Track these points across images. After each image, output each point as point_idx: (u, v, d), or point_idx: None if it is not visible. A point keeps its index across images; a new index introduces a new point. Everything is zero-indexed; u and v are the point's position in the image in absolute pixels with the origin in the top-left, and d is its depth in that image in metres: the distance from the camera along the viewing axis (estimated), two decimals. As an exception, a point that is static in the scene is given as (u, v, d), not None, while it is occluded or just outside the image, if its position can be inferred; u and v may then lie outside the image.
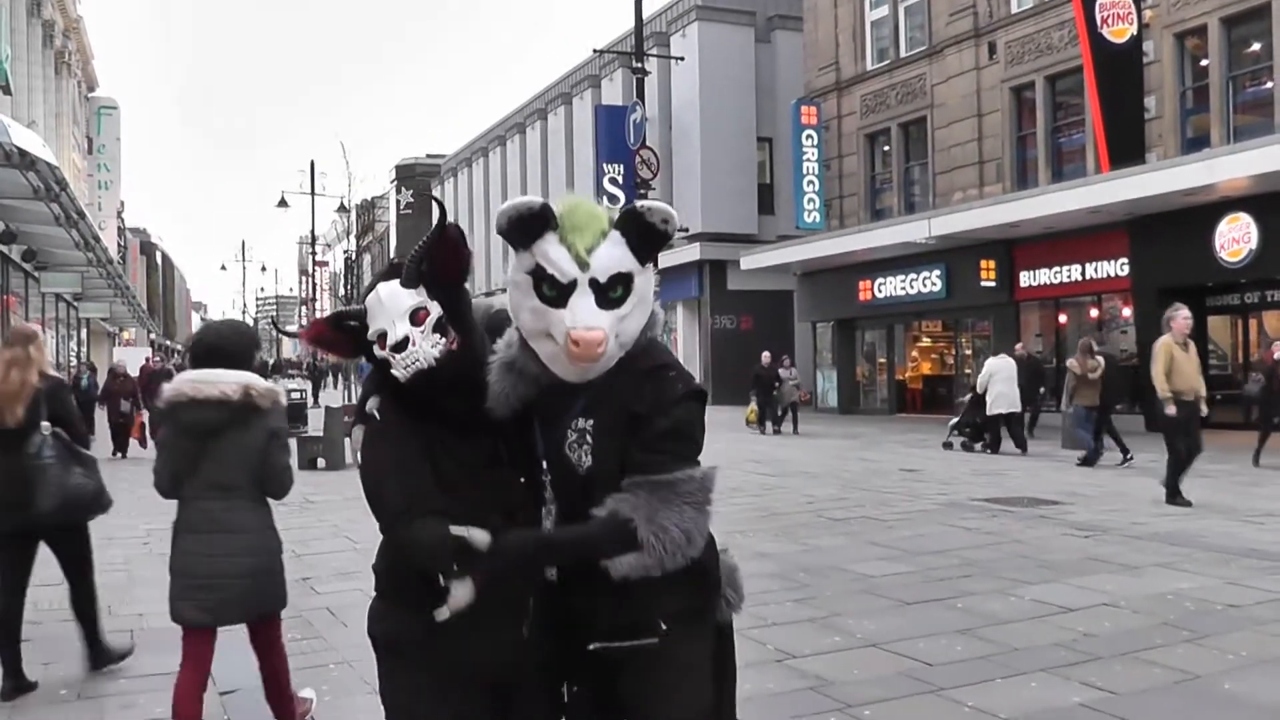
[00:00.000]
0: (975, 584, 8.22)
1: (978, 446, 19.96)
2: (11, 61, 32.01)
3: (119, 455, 21.12)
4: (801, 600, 7.86)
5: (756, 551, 9.82)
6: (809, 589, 8.24)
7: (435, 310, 2.77)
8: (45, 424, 5.96)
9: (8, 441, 5.88)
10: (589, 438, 2.72)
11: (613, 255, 2.69)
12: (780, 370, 26.11)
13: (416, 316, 2.76)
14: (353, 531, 10.88)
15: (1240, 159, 19.28)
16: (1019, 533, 10.53)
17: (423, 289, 2.79)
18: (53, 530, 6.13)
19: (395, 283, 2.80)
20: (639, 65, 18.36)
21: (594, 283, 2.67)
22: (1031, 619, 7.12)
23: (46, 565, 6.39)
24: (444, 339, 2.76)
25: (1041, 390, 22.54)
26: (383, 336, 2.77)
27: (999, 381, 19.42)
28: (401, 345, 2.73)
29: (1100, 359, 17.88)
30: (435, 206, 2.95)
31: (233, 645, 7.05)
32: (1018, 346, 22.92)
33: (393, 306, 2.78)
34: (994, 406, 19.43)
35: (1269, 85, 21.64)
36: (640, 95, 19.45)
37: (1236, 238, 20.76)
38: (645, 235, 2.70)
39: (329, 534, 11.18)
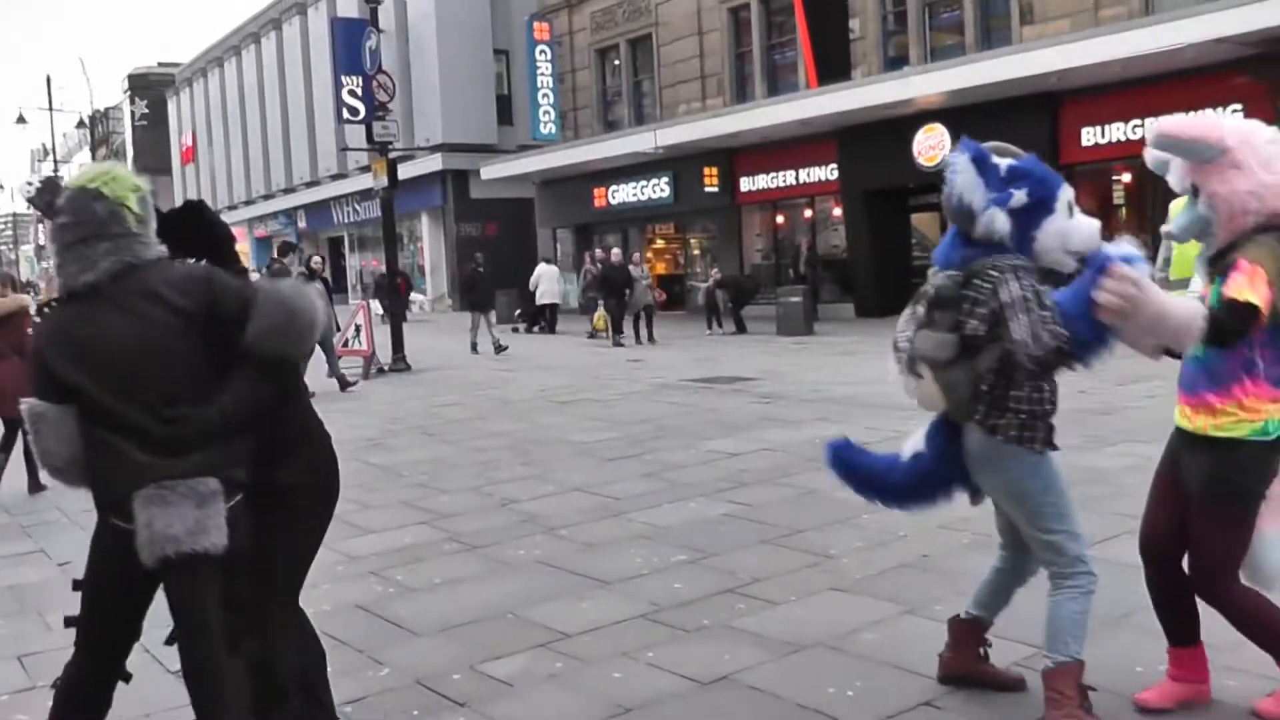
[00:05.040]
0: (665, 443, 10.06)
1: (535, 329, 26.53)
2: None
3: None
4: (526, 463, 9.51)
5: (494, 431, 11.44)
6: (532, 454, 9.90)
7: None
8: None
9: None
10: None
11: None
12: (631, 269, 23.34)
13: None
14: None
15: (933, 77, 21.61)
16: (712, 403, 12.51)
17: None
18: None
19: None
20: (371, -3, 19.20)
21: None
22: (703, 464, 8.98)
23: None
24: None
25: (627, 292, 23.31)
26: None
27: (545, 280, 26.28)
28: None
29: (601, 265, 24.12)
30: None
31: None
32: (615, 252, 25.18)
33: None
34: (541, 299, 26.41)
35: (959, 12, 24.10)
36: (373, 22, 20.22)
37: (932, 145, 23.10)
38: None
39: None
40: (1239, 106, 18.61)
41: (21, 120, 48.70)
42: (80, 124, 53.02)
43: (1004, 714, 4.03)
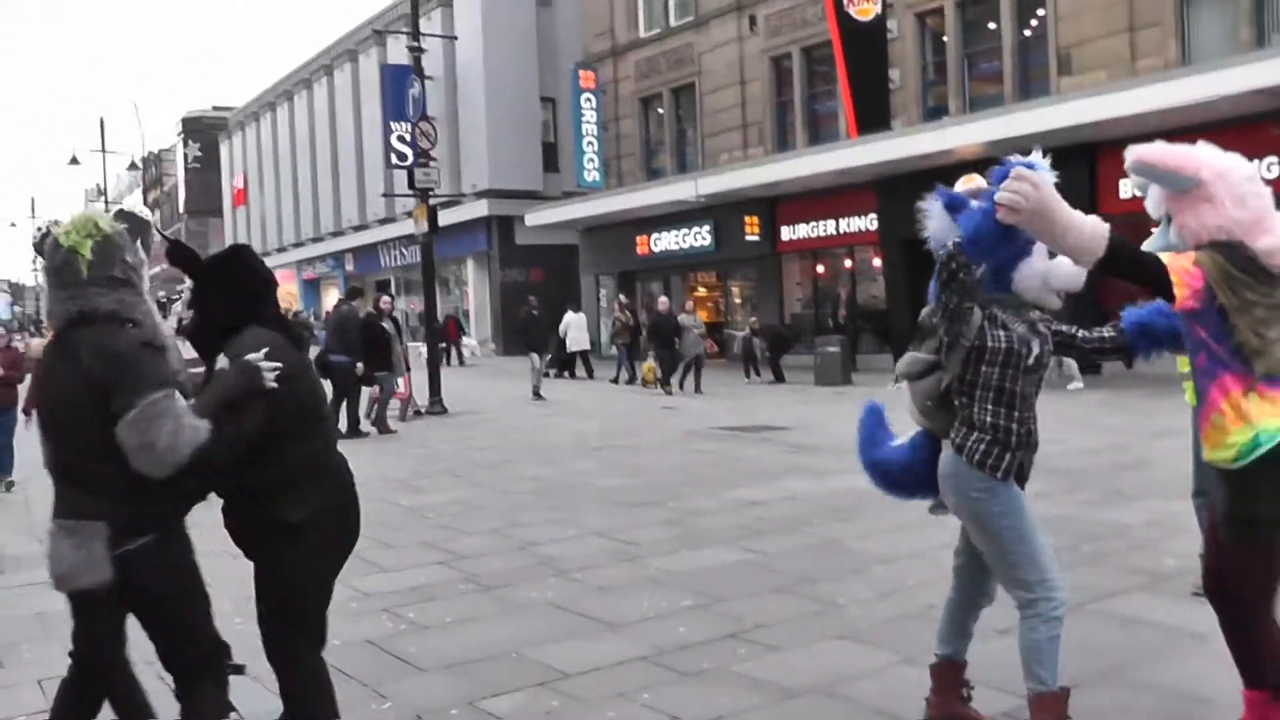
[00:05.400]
0: (689, 490, 10.12)
1: (566, 374, 27.11)
2: None
3: None
4: (551, 507, 9.61)
5: (524, 475, 11.55)
6: (558, 499, 9.99)
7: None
8: None
9: None
10: None
11: None
12: (682, 317, 23.23)
13: None
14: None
15: (970, 128, 21.64)
16: (739, 451, 12.57)
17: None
18: None
19: None
20: (415, 44, 19.50)
21: None
22: (725, 511, 9.03)
23: None
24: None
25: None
26: None
27: (573, 328, 26.65)
28: None
29: (629, 313, 26.50)
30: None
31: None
32: (662, 300, 25.40)
33: None
34: (572, 346, 26.73)
35: (998, 63, 24.21)
36: (417, 71, 20.56)
37: (972, 194, 23.19)
38: None
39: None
40: (1275, 158, 18.60)
41: (75, 161, 49.91)
42: (132, 166, 54.18)
43: (989, 763, 4.06)
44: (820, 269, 28.76)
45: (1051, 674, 3.82)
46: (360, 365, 15.30)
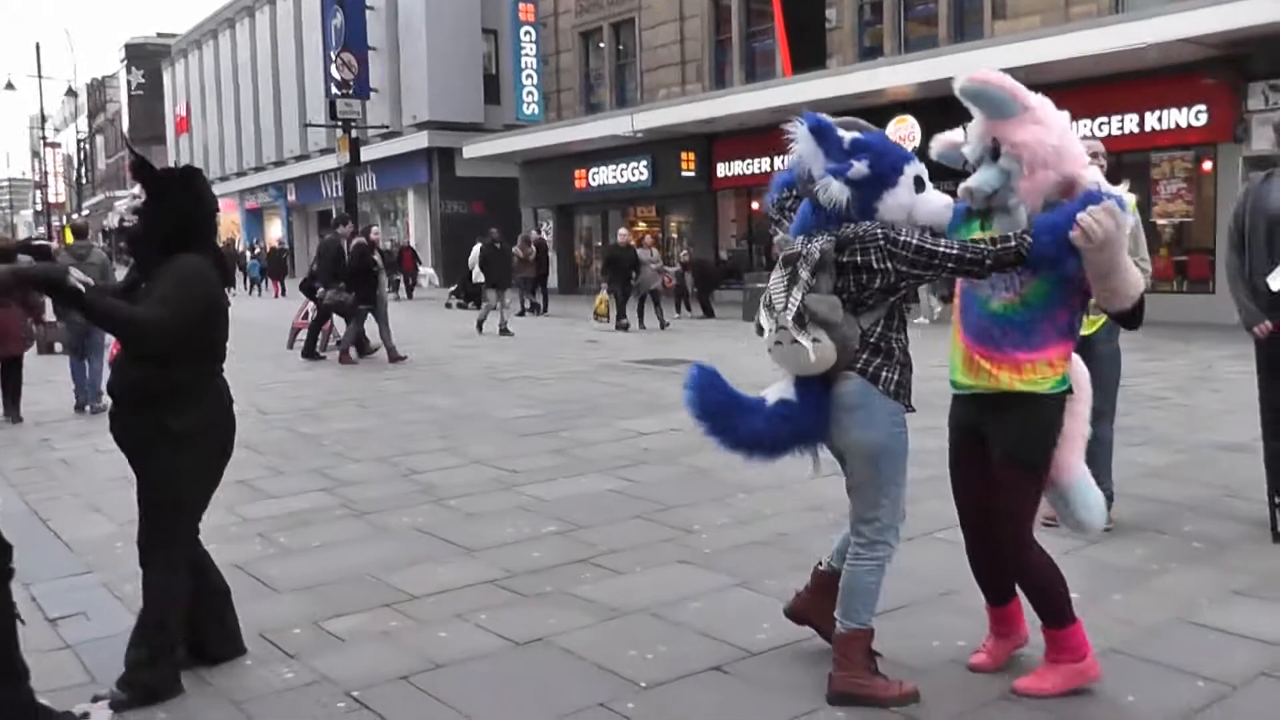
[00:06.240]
0: (584, 421, 10.29)
1: (470, 305, 26.64)
2: None
3: None
4: (443, 436, 9.74)
5: (427, 405, 11.66)
6: (453, 428, 10.13)
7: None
8: None
9: None
10: None
11: None
12: (640, 251, 22.93)
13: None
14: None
15: (902, 69, 21.80)
16: (645, 384, 12.76)
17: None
18: None
19: None
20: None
21: None
22: (613, 441, 9.21)
23: None
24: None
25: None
26: None
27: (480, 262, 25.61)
28: None
29: (534, 246, 26.36)
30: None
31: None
32: (622, 233, 24.73)
33: None
34: (478, 277, 24.44)
35: (934, 5, 24.29)
36: (339, 1, 20.36)
37: (904, 136, 23.31)
38: None
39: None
40: (1203, 106, 18.86)
41: (10, 86, 48.94)
42: (70, 92, 53.24)
43: (788, 680, 4.22)
44: (755, 206, 28.84)
45: (869, 614, 3.98)
46: (321, 290, 16.10)
